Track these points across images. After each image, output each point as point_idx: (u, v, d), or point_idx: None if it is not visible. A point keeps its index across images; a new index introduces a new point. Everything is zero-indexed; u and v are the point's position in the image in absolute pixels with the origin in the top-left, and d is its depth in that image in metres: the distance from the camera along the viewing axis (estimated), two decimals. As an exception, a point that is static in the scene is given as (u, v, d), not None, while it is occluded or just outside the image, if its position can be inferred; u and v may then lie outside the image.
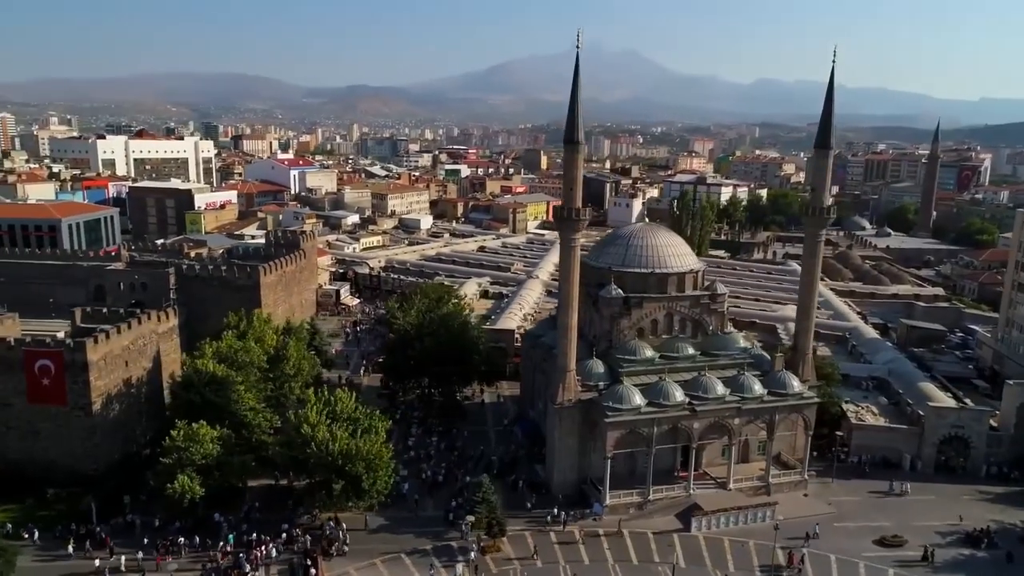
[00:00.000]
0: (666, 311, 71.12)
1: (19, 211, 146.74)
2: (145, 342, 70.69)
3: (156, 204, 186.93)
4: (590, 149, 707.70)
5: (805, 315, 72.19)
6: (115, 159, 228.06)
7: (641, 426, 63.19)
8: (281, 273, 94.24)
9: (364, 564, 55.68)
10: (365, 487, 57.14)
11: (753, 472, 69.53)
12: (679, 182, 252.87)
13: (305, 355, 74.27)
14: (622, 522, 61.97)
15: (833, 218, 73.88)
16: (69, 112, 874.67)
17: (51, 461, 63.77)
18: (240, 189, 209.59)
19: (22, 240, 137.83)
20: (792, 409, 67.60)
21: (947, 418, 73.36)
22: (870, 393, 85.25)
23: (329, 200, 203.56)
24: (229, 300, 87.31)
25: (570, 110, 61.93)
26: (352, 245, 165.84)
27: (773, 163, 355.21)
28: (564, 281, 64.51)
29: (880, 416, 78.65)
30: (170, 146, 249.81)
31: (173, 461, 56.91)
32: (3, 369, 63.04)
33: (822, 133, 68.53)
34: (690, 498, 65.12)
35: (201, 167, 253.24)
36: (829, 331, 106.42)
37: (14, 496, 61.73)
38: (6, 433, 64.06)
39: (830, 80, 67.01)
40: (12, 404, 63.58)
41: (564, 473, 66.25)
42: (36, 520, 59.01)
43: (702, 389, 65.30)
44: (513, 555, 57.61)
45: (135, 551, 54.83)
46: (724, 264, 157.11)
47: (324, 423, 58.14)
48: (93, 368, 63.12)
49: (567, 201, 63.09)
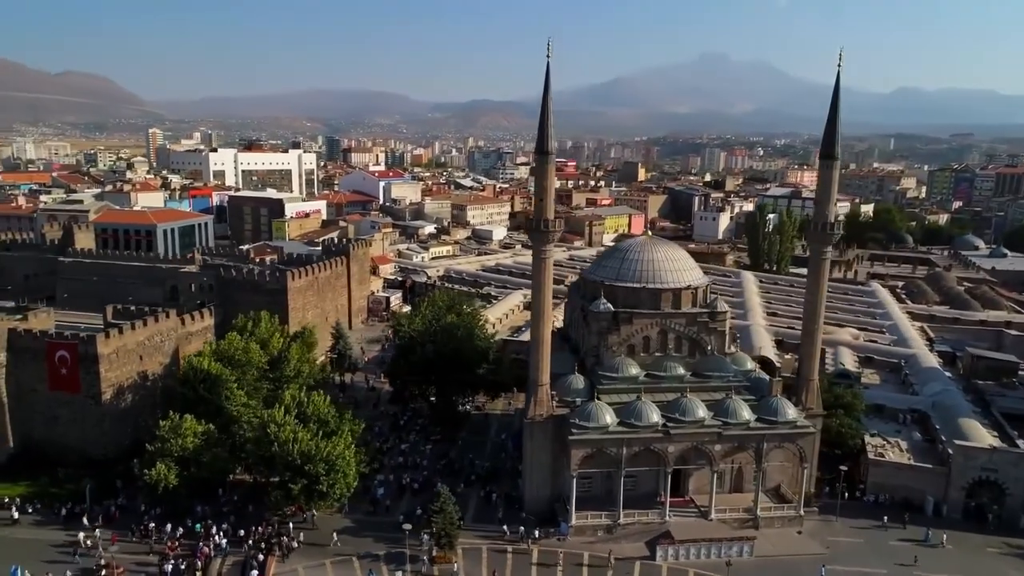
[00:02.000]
0: (659, 328, 68.28)
1: (123, 217, 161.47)
2: (162, 339, 75.85)
3: (251, 212, 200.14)
4: (704, 161, 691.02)
5: (809, 339, 67.18)
6: (225, 170, 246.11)
7: (609, 446, 60.94)
8: (312, 279, 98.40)
9: (314, 564, 57.00)
10: (323, 488, 58.52)
11: (745, 503, 65.25)
12: (772, 196, 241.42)
13: (307, 358, 76.96)
14: (588, 545, 60.06)
15: (840, 234, 68.30)
16: (218, 128, 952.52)
17: (67, 444, 69.79)
18: (330, 199, 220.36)
19: (123, 243, 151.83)
20: (783, 438, 62.94)
21: (977, 459, 65.83)
22: (906, 427, 77.83)
23: (410, 210, 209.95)
24: (259, 302, 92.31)
25: (541, 120, 61.18)
26: (421, 254, 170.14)
27: (891, 177, 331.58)
28: (536, 293, 63.56)
29: (906, 453, 71.59)
30: (275, 158, 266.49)
31: (155, 450, 60.80)
32: (30, 358, 69.75)
33: (827, 143, 63.79)
34: (664, 525, 62.06)
35: (303, 178, 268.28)
36: (884, 358, 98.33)
37: (35, 474, 68.14)
38: (31, 416, 70.72)
39: (835, 86, 62.39)
40: (37, 390, 70.18)
41: (536, 490, 64.94)
42: (44, 497, 64.78)
43: (680, 411, 62.18)
44: (462, 568, 57.08)
45: (104, 530, 59.03)
46: (797, 283, 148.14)
47: (291, 423, 60.13)
48: (104, 360, 68.58)
49: (539, 211, 62.16)
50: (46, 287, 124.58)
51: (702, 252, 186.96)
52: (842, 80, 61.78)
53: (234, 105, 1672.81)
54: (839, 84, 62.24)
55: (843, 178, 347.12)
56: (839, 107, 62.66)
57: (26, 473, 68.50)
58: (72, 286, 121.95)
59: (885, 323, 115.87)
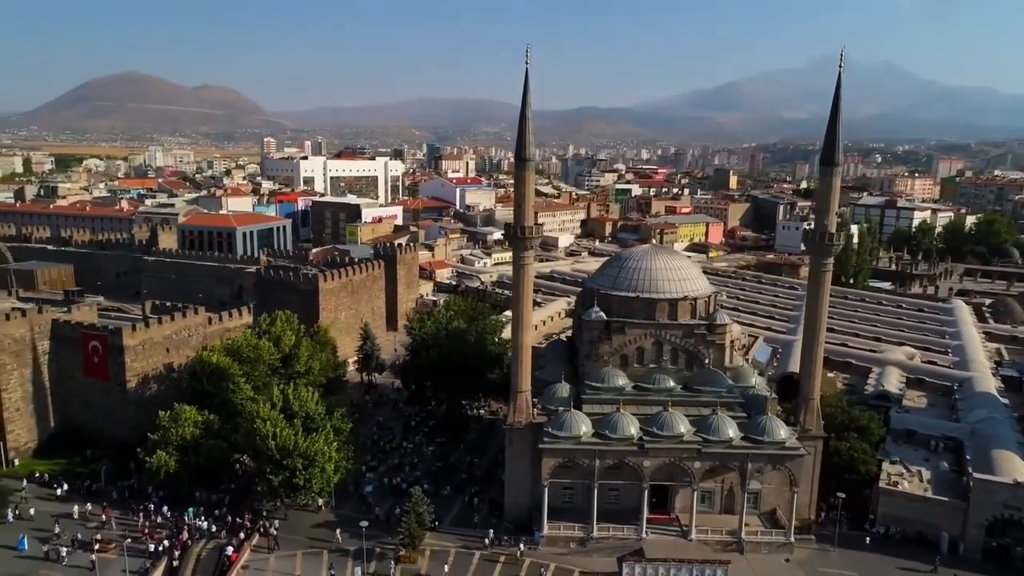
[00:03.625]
0: (653, 339, 66.48)
1: (207, 220, 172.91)
2: (190, 333, 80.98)
3: (332, 216, 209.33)
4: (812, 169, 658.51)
5: (809, 356, 63.25)
6: (314, 176, 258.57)
7: (581, 457, 59.90)
8: (346, 281, 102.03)
9: (286, 554, 59.26)
10: (299, 482, 60.77)
11: (733, 523, 62.24)
12: (864, 205, 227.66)
13: (318, 356, 79.94)
14: (558, 556, 59.28)
15: (841, 245, 63.94)
16: (333, 136, 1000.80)
17: (98, 427, 75.89)
18: (408, 205, 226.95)
19: (206, 244, 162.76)
20: (770, 459, 59.64)
21: (997, 495, 59.90)
22: (935, 455, 71.66)
23: (481, 216, 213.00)
24: (294, 302, 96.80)
25: (520, 127, 61.02)
26: (483, 259, 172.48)
27: (1012, 185, 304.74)
28: (515, 299, 63.37)
29: (926, 484, 65.92)
30: (363, 165, 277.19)
31: (159, 438, 65.16)
32: (70, 346, 76.37)
33: (828, 148, 60.09)
34: (640, 541, 60.24)
35: (389, 184, 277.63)
36: (936, 380, 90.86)
37: (70, 453, 74.55)
38: (70, 400, 77.37)
39: (836, 90, 58.75)
40: (74, 377, 76.72)
41: (515, 497, 64.54)
42: (70, 475, 70.78)
43: (659, 425, 60.26)
44: (425, 570, 57.69)
45: (96, 506, 64.24)
46: (869, 298, 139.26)
47: (276, 417, 62.75)
48: (129, 351, 74.13)
49: (517, 218, 61.97)
50: (134, 284, 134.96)
51: (774, 263, 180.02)
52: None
53: (348, 115, 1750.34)
54: (840, 87, 58.63)
55: (956, 187, 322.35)
56: (840, 111, 59.00)
57: (63, 451, 75.11)
58: (154, 283, 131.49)
59: (952, 343, 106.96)
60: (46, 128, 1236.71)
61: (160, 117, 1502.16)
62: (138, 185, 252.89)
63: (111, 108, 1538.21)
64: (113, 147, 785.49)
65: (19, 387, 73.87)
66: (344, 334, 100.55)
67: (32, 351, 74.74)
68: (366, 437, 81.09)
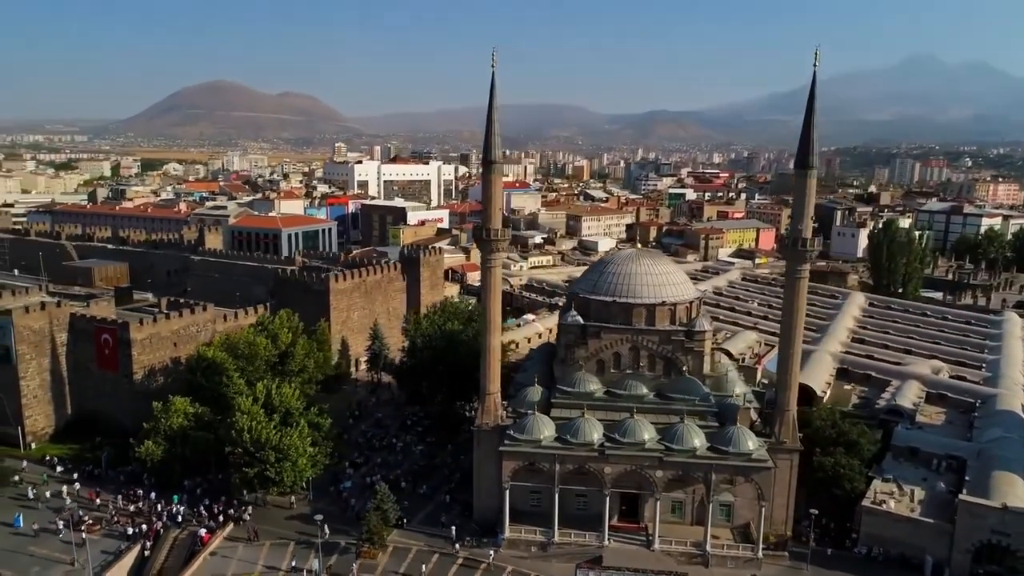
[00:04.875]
0: (630, 344, 65.53)
1: (256, 222, 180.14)
2: (198, 329, 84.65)
3: (379, 219, 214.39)
4: (893, 173, 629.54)
5: (784, 368, 61.01)
6: (368, 180, 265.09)
7: (541, 461, 59.58)
8: (359, 281, 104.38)
9: (255, 544, 61.28)
10: (271, 475, 62.75)
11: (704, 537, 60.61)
12: (928, 211, 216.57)
13: (313, 355, 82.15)
14: (518, 560, 59.18)
15: (816, 251, 61.29)
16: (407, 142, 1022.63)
17: (109, 416, 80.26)
18: (454, 208, 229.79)
19: (254, 244, 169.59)
20: (736, 471, 57.84)
21: (984, 518, 56.27)
22: (935, 475, 67.74)
23: (525, 220, 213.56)
24: (308, 301, 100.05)
25: (487, 130, 61.40)
26: (520, 263, 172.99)
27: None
28: (484, 301, 63.62)
29: (916, 504, 62.45)
30: (416, 169, 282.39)
31: (149, 428, 68.53)
32: (85, 339, 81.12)
33: (802, 151, 57.94)
34: (601, 549, 59.43)
35: (442, 188, 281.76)
36: (958, 395, 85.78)
37: (84, 439, 79.17)
38: (85, 389, 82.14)
39: (811, 88, 56.74)
40: (89, 368, 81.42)
41: (484, 499, 64.67)
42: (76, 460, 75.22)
43: (622, 432, 59.36)
44: (383, 566, 58.59)
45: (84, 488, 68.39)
46: (914, 308, 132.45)
47: (257, 411, 64.98)
48: (136, 345, 78.21)
49: (485, 221, 62.29)
50: (183, 282, 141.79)
51: (820, 271, 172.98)
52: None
53: (422, 119, 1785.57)
54: (815, 85, 56.48)
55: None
56: (815, 110, 56.80)
57: (77, 437, 79.86)
58: (199, 282, 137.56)
59: (989, 358, 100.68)
60: (141, 134, 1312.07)
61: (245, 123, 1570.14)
62: (202, 188, 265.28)
63: (200, 115, 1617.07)
64: (200, 152, 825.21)
65: (37, 375, 78.99)
66: (357, 334, 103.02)
67: (51, 342, 79.77)
68: (360, 435, 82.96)
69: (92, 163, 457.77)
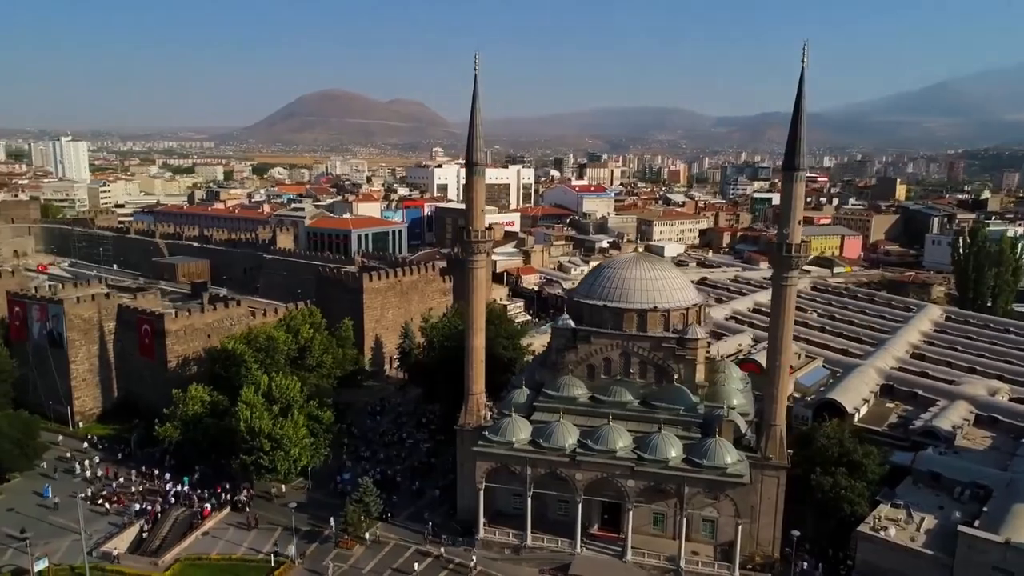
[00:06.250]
0: (621, 350, 64.21)
1: (329, 223, 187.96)
2: (232, 322, 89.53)
3: (452, 221, 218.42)
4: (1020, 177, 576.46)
5: (770, 380, 57.78)
6: (448, 184, 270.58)
7: (513, 463, 59.28)
8: (394, 282, 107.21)
9: (244, 528, 64.43)
10: (264, 463, 65.67)
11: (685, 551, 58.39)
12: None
13: (332, 350, 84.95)
14: (490, 561, 59.26)
15: (808, 258, 57.50)
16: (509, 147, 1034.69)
17: (148, 400, 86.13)
18: (527, 212, 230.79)
19: (327, 245, 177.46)
20: (709, 485, 55.37)
21: (986, 553, 51.25)
22: (956, 503, 62.12)
23: (595, 224, 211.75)
24: (344, 299, 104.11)
25: (469, 133, 61.86)
26: (581, 267, 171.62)
27: None
28: (468, 303, 63.99)
29: (923, 533, 57.55)
30: (496, 173, 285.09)
31: (170, 412, 73.32)
32: (130, 328, 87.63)
33: (789, 151, 54.80)
34: (572, 556, 58.46)
35: (521, 192, 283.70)
36: (1010, 419, 78.28)
37: (126, 420, 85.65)
38: (129, 375, 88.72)
39: (799, 86, 53.63)
40: (132, 355, 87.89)
41: (466, 498, 65.00)
42: (115, 439, 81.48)
43: (594, 439, 58.19)
44: (356, 557, 60.08)
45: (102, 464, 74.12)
46: (995, 324, 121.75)
47: (256, 401, 68.19)
48: (171, 335, 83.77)
49: (467, 222, 62.66)
50: (256, 279, 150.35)
51: (900, 281, 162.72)
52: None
53: (526, 125, 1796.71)
54: (803, 84, 53.36)
55: None
56: (803, 111, 53.69)
57: (121, 419, 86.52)
58: (269, 279, 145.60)
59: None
60: (262, 140, 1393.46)
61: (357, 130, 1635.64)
62: (292, 191, 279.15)
63: (316, 122, 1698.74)
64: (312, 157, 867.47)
65: (86, 360, 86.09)
66: (391, 332, 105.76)
67: (99, 330, 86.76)
68: (372, 429, 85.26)
69: (207, 167, 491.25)
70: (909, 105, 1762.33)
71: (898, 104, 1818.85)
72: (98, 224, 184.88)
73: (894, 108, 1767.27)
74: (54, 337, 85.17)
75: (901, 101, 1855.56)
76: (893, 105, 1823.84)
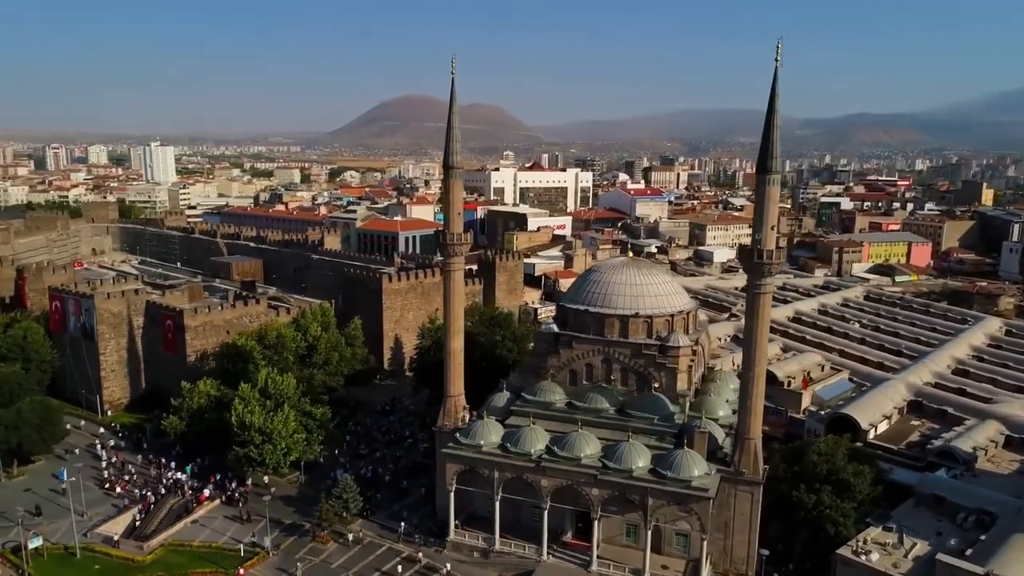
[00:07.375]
0: (602, 356, 63.16)
1: (379, 225, 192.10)
2: (251, 319, 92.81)
3: (503, 224, 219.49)
4: None
5: (746, 392, 55.35)
6: (504, 187, 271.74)
7: (481, 467, 59.05)
8: (415, 283, 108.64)
9: (232, 517, 66.67)
10: (254, 455, 67.79)
11: (655, 564, 56.81)
12: None
13: (340, 349, 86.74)
14: (458, 564, 59.32)
15: (782, 263, 54.60)
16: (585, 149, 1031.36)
17: (170, 392, 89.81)
18: (579, 215, 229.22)
19: (376, 246, 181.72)
20: (672, 498, 53.59)
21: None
22: (958, 529, 57.99)
23: (645, 228, 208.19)
24: (366, 299, 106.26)
25: (447, 136, 62.17)
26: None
27: None
28: (446, 306, 64.21)
29: (910, 559, 54.00)
30: (552, 176, 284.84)
31: (177, 404, 76.74)
32: (155, 323, 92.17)
33: (763, 154, 52.47)
34: (539, 563, 57.75)
35: (579, 195, 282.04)
36: None
37: (151, 410, 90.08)
38: (155, 367, 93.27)
39: (772, 86, 51.37)
40: (156, 348, 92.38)
41: (443, 499, 65.14)
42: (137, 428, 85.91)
43: (561, 445, 57.34)
44: (326, 553, 61.18)
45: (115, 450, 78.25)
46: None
47: (251, 396, 70.47)
48: (190, 331, 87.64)
49: (446, 226, 62.89)
50: (303, 278, 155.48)
51: (963, 291, 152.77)
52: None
53: (604, 127, 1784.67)
54: (776, 83, 51.06)
55: None
56: (776, 112, 51.38)
57: (146, 409, 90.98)
58: (315, 278, 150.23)
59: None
60: (345, 145, 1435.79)
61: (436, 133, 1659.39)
62: (353, 193, 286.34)
63: (396, 127, 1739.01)
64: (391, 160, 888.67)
65: (115, 353, 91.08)
66: (410, 332, 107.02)
67: (128, 325, 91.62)
68: (377, 427, 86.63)
69: (285, 171, 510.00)
70: (1013, 105, 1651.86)
71: (1001, 103, 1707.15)
72: (167, 224, 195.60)
73: (996, 108, 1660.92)
74: (87, 330, 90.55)
75: (1004, 100, 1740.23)
76: (995, 104, 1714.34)
